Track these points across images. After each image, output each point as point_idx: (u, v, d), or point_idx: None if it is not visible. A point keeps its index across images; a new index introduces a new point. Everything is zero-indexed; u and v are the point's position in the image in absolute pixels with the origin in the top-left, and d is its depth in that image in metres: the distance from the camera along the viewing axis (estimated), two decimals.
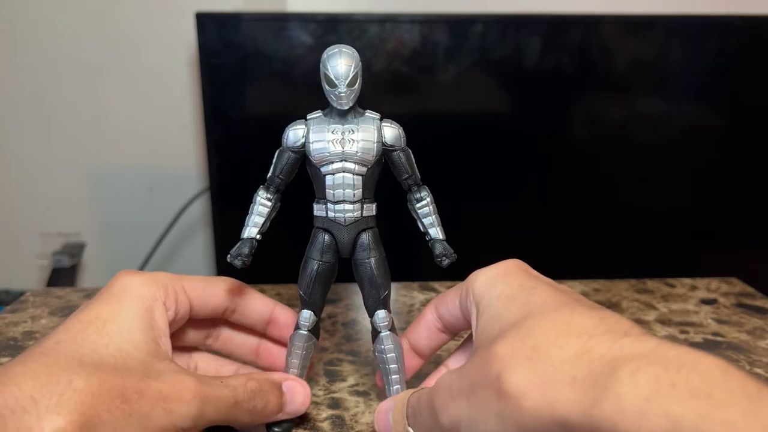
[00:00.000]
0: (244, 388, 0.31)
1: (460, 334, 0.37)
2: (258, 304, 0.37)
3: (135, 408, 0.26)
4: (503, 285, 0.29)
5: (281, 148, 0.33)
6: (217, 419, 0.30)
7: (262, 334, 0.38)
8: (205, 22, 0.83)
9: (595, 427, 0.20)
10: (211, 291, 0.35)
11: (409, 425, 0.30)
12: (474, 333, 0.30)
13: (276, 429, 0.34)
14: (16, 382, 0.25)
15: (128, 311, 0.30)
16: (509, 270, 0.31)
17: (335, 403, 0.38)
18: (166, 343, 0.32)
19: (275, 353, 0.38)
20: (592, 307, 0.26)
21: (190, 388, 0.28)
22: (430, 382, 0.36)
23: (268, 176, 0.33)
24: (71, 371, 0.26)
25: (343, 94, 0.30)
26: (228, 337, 0.38)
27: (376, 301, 0.34)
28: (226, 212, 0.91)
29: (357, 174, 0.32)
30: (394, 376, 0.35)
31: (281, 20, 0.86)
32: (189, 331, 0.36)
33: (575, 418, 0.21)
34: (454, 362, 0.36)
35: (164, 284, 0.33)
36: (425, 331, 0.35)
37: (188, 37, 0.96)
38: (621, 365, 0.21)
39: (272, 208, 0.34)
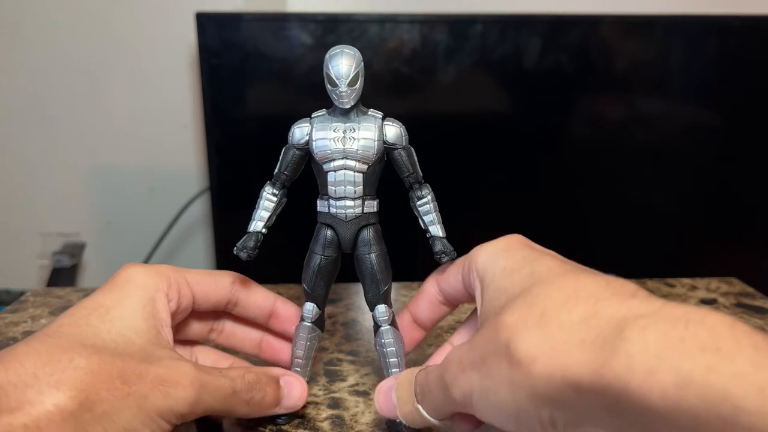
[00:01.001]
0: (242, 380, 0.32)
1: (460, 308, 0.38)
2: (259, 297, 0.37)
3: (133, 389, 0.27)
4: (506, 258, 0.30)
5: (287, 145, 0.34)
6: (215, 407, 0.31)
7: (265, 327, 0.38)
8: (205, 22, 0.83)
9: (607, 386, 0.20)
10: (214, 283, 0.35)
11: (417, 402, 0.30)
12: (479, 307, 0.30)
13: (280, 420, 0.36)
14: (19, 360, 0.26)
15: (131, 300, 0.31)
16: (512, 244, 0.31)
17: (335, 403, 0.38)
18: (168, 333, 0.32)
19: (277, 347, 0.38)
20: (596, 273, 0.26)
21: (189, 375, 0.29)
22: (436, 359, 0.36)
23: (274, 172, 0.34)
24: (73, 351, 0.27)
25: (344, 93, 0.31)
26: (231, 331, 0.39)
27: (376, 296, 0.35)
28: (226, 212, 0.91)
29: (358, 171, 0.33)
30: (393, 370, 0.36)
31: (281, 20, 0.86)
32: (192, 323, 0.37)
33: (586, 379, 0.21)
34: (458, 339, 0.36)
35: (167, 276, 0.33)
36: (426, 303, 0.36)
37: (188, 37, 0.96)
38: (629, 325, 0.21)
39: (278, 204, 0.35)
